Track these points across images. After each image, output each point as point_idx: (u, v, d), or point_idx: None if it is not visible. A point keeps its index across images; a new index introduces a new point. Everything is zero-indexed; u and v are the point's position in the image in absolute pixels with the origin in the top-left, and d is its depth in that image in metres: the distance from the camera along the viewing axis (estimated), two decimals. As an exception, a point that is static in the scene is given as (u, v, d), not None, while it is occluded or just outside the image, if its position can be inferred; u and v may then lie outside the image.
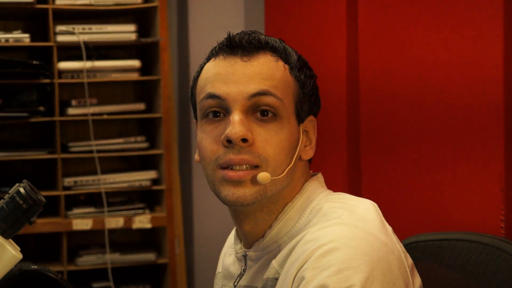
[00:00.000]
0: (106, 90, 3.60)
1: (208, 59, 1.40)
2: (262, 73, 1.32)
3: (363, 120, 2.54)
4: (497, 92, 1.98)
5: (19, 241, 1.40)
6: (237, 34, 1.37)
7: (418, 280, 1.34)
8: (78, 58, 3.35)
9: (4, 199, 1.31)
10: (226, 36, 1.37)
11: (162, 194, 3.47)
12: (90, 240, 3.50)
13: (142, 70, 3.48)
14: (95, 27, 3.37)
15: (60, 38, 3.33)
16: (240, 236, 1.45)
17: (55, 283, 1.56)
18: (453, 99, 2.13)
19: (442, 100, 2.17)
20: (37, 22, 3.49)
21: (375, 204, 1.36)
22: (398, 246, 1.30)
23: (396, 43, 2.36)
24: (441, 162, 2.19)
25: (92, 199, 3.44)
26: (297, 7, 3.01)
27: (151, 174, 3.47)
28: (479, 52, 2.03)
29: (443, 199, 2.18)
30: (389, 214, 1.48)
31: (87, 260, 3.41)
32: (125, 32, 3.41)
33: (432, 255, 1.70)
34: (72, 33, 3.33)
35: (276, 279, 1.31)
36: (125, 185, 3.44)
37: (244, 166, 1.31)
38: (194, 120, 1.42)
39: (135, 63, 3.45)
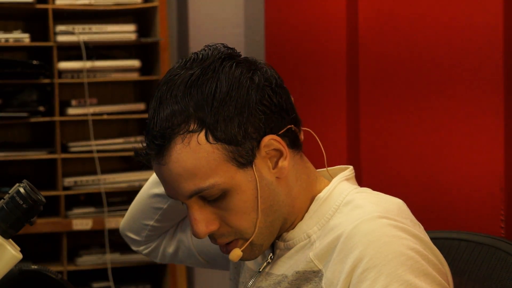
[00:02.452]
0: (106, 90, 3.60)
1: None
2: (183, 173, 1.30)
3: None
4: (497, 94, 1.98)
5: (19, 241, 1.40)
6: (150, 123, 1.33)
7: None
8: (78, 58, 3.35)
9: (4, 199, 1.31)
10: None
11: (162, 194, 3.46)
12: (90, 240, 3.50)
13: (142, 70, 3.48)
14: (95, 27, 3.37)
15: (60, 38, 3.33)
16: None
17: (55, 283, 1.56)
18: (453, 101, 2.13)
19: (444, 105, 2.17)
20: (37, 22, 3.49)
21: (404, 203, 1.37)
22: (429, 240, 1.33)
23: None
24: (442, 162, 2.19)
25: (92, 199, 3.44)
26: (297, 5, 3.01)
27: (151, 175, 3.47)
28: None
29: (443, 199, 2.18)
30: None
31: (87, 260, 3.40)
32: (125, 32, 3.41)
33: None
34: (72, 33, 3.33)
35: (315, 272, 1.32)
36: (125, 185, 3.44)
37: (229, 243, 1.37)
38: None
39: (135, 63, 3.45)
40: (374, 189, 1.42)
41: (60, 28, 3.33)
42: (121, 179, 3.44)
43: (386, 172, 2.44)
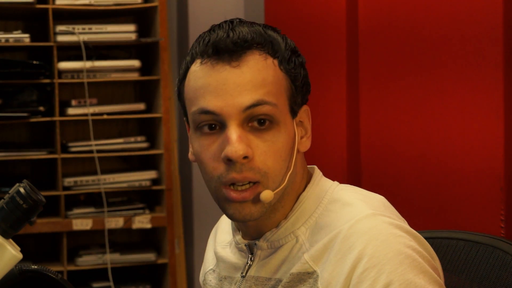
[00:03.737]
0: (106, 90, 3.60)
1: (192, 59, 1.34)
2: (253, 80, 1.27)
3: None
4: (497, 94, 1.98)
5: (19, 241, 1.40)
6: (220, 31, 1.29)
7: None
8: (78, 58, 3.35)
9: (4, 199, 1.31)
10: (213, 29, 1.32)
11: (162, 194, 3.47)
12: (90, 240, 3.50)
13: (142, 70, 3.48)
14: (95, 27, 3.37)
15: (60, 38, 3.33)
16: (238, 227, 1.42)
17: (55, 283, 1.56)
18: (452, 103, 2.13)
19: (441, 107, 2.18)
20: (37, 22, 3.49)
21: (385, 199, 1.37)
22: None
23: None
24: (442, 162, 2.19)
25: (92, 199, 3.44)
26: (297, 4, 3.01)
27: (151, 174, 3.47)
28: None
29: (443, 199, 2.18)
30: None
31: (87, 260, 3.41)
32: (125, 32, 3.41)
33: (432, 255, 1.70)
34: (72, 33, 3.33)
35: (309, 273, 1.30)
36: (125, 185, 3.44)
37: (247, 185, 1.29)
38: (185, 119, 1.38)
39: (135, 63, 3.45)
40: (374, 182, 1.42)
41: (60, 28, 3.33)
42: (121, 179, 3.44)
43: (386, 170, 2.44)
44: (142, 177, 3.46)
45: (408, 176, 2.33)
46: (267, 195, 1.28)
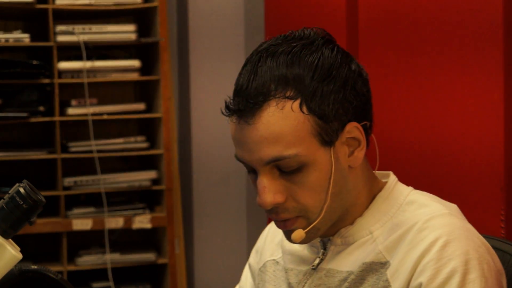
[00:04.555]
0: (106, 90, 3.60)
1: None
2: (269, 136, 1.31)
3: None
4: (497, 96, 1.98)
5: (19, 241, 1.40)
6: (245, 76, 1.34)
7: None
8: (78, 58, 3.35)
9: (4, 199, 1.31)
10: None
11: (162, 194, 3.47)
12: (90, 240, 3.50)
13: (142, 70, 3.48)
14: (95, 27, 3.37)
15: (60, 38, 3.33)
16: None
17: (55, 283, 1.56)
18: (453, 108, 2.13)
19: (443, 111, 2.17)
20: (37, 22, 3.49)
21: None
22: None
23: None
24: (442, 163, 2.19)
25: (92, 199, 3.44)
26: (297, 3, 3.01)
27: (151, 174, 3.47)
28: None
29: (443, 197, 2.17)
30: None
31: (87, 260, 3.41)
32: (125, 32, 3.41)
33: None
34: (72, 33, 3.33)
35: (382, 263, 1.34)
36: (125, 185, 3.44)
37: (288, 219, 1.37)
38: None
39: (135, 63, 3.45)
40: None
41: (60, 28, 3.33)
42: (121, 179, 3.44)
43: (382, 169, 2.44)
44: (142, 177, 3.46)
45: (407, 175, 2.32)
46: (297, 235, 1.36)
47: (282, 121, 1.31)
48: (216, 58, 3.70)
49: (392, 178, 1.45)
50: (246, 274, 1.61)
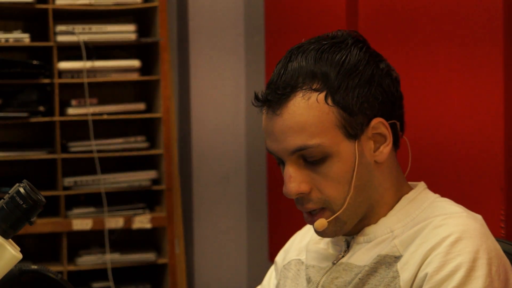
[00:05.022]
0: (106, 90, 3.60)
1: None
2: (294, 126, 1.37)
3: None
4: (497, 96, 1.98)
5: (19, 241, 1.40)
6: (277, 68, 1.40)
7: None
8: (78, 58, 3.35)
9: (4, 199, 1.31)
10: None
11: (162, 194, 3.47)
12: (90, 240, 3.50)
13: (142, 70, 3.48)
14: (95, 27, 3.37)
15: (60, 38, 3.33)
16: None
17: (55, 283, 1.56)
18: (454, 107, 2.13)
19: (444, 109, 2.17)
20: (37, 22, 3.49)
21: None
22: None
23: None
24: (442, 162, 2.19)
25: (92, 199, 3.44)
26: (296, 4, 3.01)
27: (151, 174, 3.47)
28: None
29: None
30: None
31: (87, 260, 3.41)
32: (125, 32, 3.41)
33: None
34: (72, 33, 3.33)
35: (396, 257, 1.36)
36: (125, 185, 3.44)
37: (314, 211, 1.41)
38: None
39: (135, 63, 3.45)
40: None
41: (60, 28, 3.33)
42: (121, 179, 3.44)
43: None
44: (142, 177, 3.46)
45: (407, 176, 2.32)
46: (319, 223, 1.41)
47: (307, 111, 1.37)
48: (216, 58, 3.70)
49: (421, 184, 1.49)
50: (269, 274, 1.65)
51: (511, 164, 1.98)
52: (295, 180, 1.39)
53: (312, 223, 1.42)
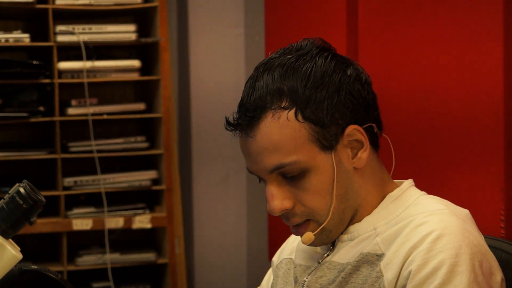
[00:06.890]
0: (106, 90, 3.60)
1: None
2: (268, 146, 1.37)
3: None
4: (497, 95, 1.98)
5: (19, 241, 1.40)
6: (245, 90, 1.41)
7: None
8: (78, 58, 3.35)
9: (4, 199, 1.31)
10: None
11: (162, 194, 3.47)
12: (90, 240, 3.50)
13: (142, 70, 3.48)
14: (95, 27, 3.37)
15: (60, 38, 3.33)
16: None
17: (55, 283, 1.56)
18: (454, 103, 2.13)
19: (444, 107, 2.17)
20: (37, 22, 3.49)
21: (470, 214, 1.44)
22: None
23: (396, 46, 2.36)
24: (442, 163, 2.19)
25: (92, 199, 3.44)
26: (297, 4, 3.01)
27: (151, 174, 3.47)
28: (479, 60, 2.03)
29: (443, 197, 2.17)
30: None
31: (87, 260, 3.40)
32: (125, 32, 3.41)
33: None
34: (72, 33, 3.33)
35: (378, 255, 1.37)
36: (125, 185, 3.44)
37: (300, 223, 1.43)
38: None
39: (135, 63, 3.45)
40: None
41: (60, 28, 3.33)
42: (121, 179, 3.44)
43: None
44: (142, 177, 3.46)
45: (405, 173, 2.32)
46: (306, 237, 1.42)
47: (279, 130, 1.37)
48: (216, 59, 3.70)
49: (407, 181, 1.48)
50: (268, 275, 1.66)
51: (511, 164, 1.98)
52: (277, 197, 1.40)
53: (299, 234, 1.44)
